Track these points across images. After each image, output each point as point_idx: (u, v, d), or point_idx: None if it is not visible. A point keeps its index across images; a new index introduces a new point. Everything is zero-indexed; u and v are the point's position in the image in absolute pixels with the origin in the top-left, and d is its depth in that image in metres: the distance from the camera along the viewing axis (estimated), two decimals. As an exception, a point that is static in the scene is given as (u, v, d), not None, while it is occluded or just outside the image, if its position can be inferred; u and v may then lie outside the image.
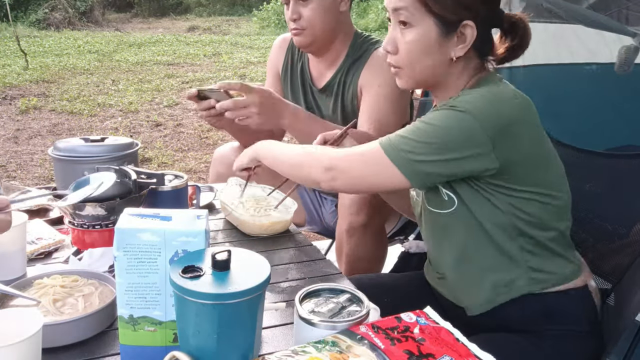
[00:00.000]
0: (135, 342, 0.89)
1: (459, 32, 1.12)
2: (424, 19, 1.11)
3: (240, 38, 11.10)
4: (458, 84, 1.18)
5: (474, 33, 1.12)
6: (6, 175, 4.05)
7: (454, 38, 1.12)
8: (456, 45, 1.13)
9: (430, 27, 1.11)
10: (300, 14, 1.72)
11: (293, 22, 1.74)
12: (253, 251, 0.86)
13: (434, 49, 1.13)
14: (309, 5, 1.71)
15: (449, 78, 1.18)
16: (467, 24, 1.11)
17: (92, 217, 1.21)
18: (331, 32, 1.77)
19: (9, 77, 7.03)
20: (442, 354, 0.77)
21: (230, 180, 1.67)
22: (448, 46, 1.13)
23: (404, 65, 1.16)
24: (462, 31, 1.12)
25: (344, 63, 1.81)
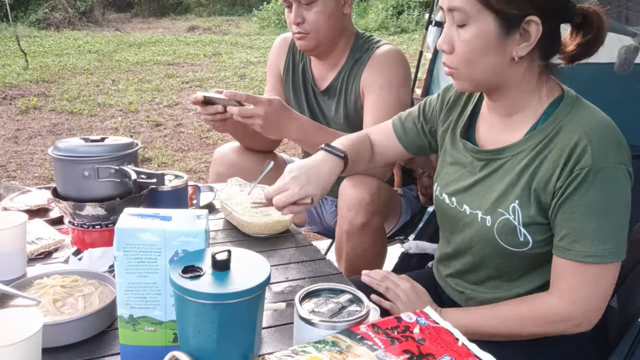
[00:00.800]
0: (135, 342, 0.89)
1: (522, 29, 1.02)
2: (482, 16, 1.02)
3: (240, 38, 11.10)
4: (521, 88, 1.10)
5: (539, 30, 1.02)
6: (6, 175, 4.05)
7: (516, 35, 1.03)
8: (519, 43, 1.04)
9: (490, 24, 1.02)
10: (304, 17, 1.71)
11: (297, 25, 1.73)
12: (253, 251, 0.86)
13: (493, 47, 1.04)
14: (313, 9, 1.71)
15: (511, 80, 1.09)
16: (531, 20, 1.01)
17: (92, 217, 1.21)
18: (335, 35, 1.77)
19: (9, 77, 7.04)
20: (442, 354, 0.77)
21: (230, 181, 1.67)
22: (509, 44, 1.04)
23: (460, 66, 1.08)
24: (525, 28, 1.02)
25: (345, 64, 1.81)
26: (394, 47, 1.78)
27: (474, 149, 1.20)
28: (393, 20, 11.77)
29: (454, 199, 1.23)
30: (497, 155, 1.15)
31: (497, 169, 1.15)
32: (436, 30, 3.43)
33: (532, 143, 1.09)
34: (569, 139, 1.04)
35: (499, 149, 1.14)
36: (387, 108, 1.70)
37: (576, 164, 1.02)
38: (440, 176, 1.28)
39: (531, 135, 1.10)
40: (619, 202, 1.03)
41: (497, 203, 1.12)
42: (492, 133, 1.19)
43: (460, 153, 1.24)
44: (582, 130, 1.03)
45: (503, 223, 1.11)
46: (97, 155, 1.19)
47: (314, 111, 1.90)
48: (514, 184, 1.10)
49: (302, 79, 1.92)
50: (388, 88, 1.71)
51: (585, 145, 1.01)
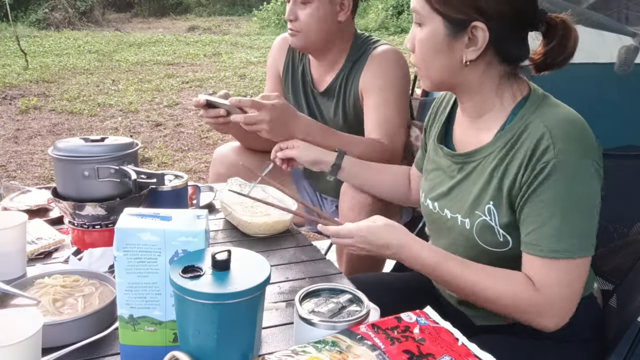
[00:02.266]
0: (135, 342, 0.89)
1: (470, 34, 1.05)
2: (433, 18, 1.08)
3: (240, 38, 11.10)
4: (482, 90, 1.12)
5: (485, 36, 1.05)
6: (6, 175, 4.05)
7: (464, 39, 1.06)
8: (467, 47, 1.07)
9: (438, 26, 1.07)
10: (297, 15, 1.73)
11: (290, 22, 1.75)
12: (253, 251, 0.86)
13: (442, 49, 1.08)
14: (306, 10, 1.72)
15: (469, 82, 1.12)
16: (476, 26, 1.04)
17: (92, 217, 1.21)
18: (326, 39, 1.77)
19: (9, 77, 7.03)
20: (442, 354, 0.77)
21: (230, 181, 1.67)
22: (457, 48, 1.07)
23: (418, 64, 1.14)
24: (473, 33, 1.05)
25: (344, 66, 1.81)
26: (391, 48, 1.78)
27: (449, 152, 1.21)
28: (393, 20, 11.77)
29: (436, 204, 1.24)
30: (470, 158, 1.16)
31: (471, 172, 1.15)
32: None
33: (500, 143, 1.10)
34: (534, 135, 1.04)
35: (472, 151, 1.15)
36: (387, 109, 1.70)
37: (539, 159, 1.02)
38: (424, 183, 1.30)
39: (500, 136, 1.11)
40: (585, 197, 1.02)
41: (473, 205, 1.13)
42: (466, 135, 1.20)
43: (440, 158, 1.25)
44: (545, 127, 1.03)
45: (481, 225, 1.12)
46: (97, 155, 1.19)
47: (313, 113, 1.90)
48: (487, 185, 1.11)
49: (301, 80, 1.92)
50: (388, 89, 1.71)
51: (548, 140, 1.01)
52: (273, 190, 1.62)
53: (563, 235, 1.02)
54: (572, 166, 1.00)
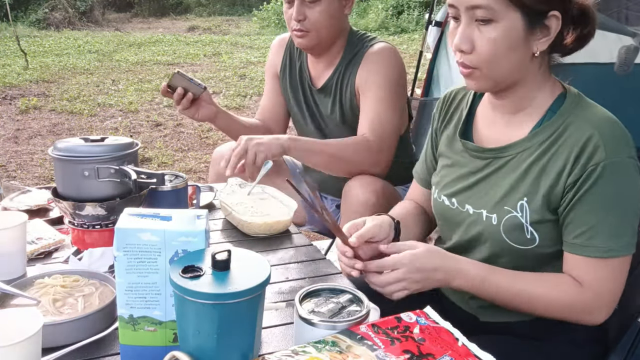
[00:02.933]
0: (135, 342, 0.89)
1: (544, 25, 1.03)
2: (509, 13, 1.01)
3: (240, 38, 11.10)
4: (533, 84, 1.11)
5: (559, 24, 1.03)
6: (6, 175, 4.05)
7: (538, 31, 1.04)
8: (540, 38, 1.04)
9: (516, 20, 1.02)
10: (305, 15, 1.71)
11: (298, 22, 1.72)
12: (253, 251, 0.86)
13: (519, 44, 1.03)
14: (316, 8, 1.70)
15: (528, 76, 1.10)
16: (553, 15, 1.02)
17: (92, 217, 1.21)
18: (335, 35, 1.77)
19: (9, 77, 7.03)
20: (442, 354, 0.77)
21: (229, 181, 1.67)
22: (532, 41, 1.04)
23: (482, 65, 1.06)
24: (546, 23, 1.03)
25: (340, 62, 1.82)
26: (387, 45, 1.79)
27: (476, 147, 1.19)
28: (393, 20, 11.76)
29: (454, 200, 1.22)
30: (501, 153, 1.14)
31: (501, 167, 1.14)
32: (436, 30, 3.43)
33: (538, 140, 1.09)
34: (580, 135, 1.04)
35: (503, 147, 1.14)
36: (381, 107, 1.71)
37: (589, 159, 1.03)
38: (437, 179, 1.28)
39: (537, 132, 1.10)
40: (632, 195, 1.05)
41: (503, 201, 1.12)
42: (493, 131, 1.19)
43: (457, 154, 1.23)
44: (592, 127, 1.04)
45: (510, 221, 1.11)
46: (97, 155, 1.19)
47: (312, 110, 1.90)
48: (520, 181, 1.10)
49: (299, 78, 1.92)
50: (383, 86, 1.72)
51: (597, 141, 1.02)
52: (272, 189, 1.63)
53: (620, 233, 1.04)
54: (620, 166, 1.02)
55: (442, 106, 1.32)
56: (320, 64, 1.86)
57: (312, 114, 1.91)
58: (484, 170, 1.17)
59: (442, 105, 1.32)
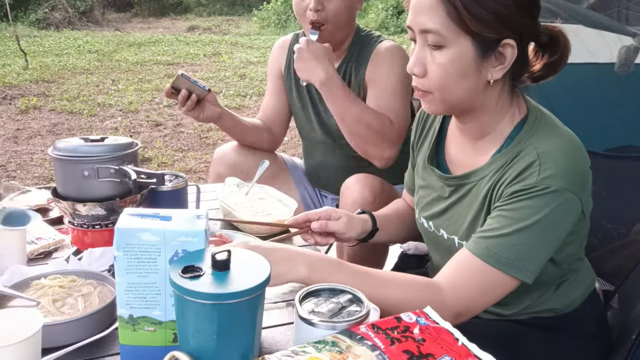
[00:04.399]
0: (135, 342, 0.89)
1: (497, 52, 1.01)
2: (459, 40, 0.99)
3: (240, 38, 11.10)
4: (494, 111, 1.08)
5: (514, 52, 1.01)
6: (6, 175, 4.05)
7: (491, 59, 1.01)
8: (494, 66, 1.02)
9: (467, 48, 0.99)
10: (324, 5, 1.71)
11: (316, 12, 1.70)
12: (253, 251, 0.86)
13: (470, 71, 1.01)
14: None
15: (485, 103, 1.07)
16: (507, 43, 1.00)
17: (92, 217, 1.21)
18: (348, 29, 1.79)
19: (9, 76, 7.03)
20: (442, 354, 0.77)
21: (227, 181, 1.67)
22: (485, 68, 1.02)
23: (434, 89, 1.04)
24: (500, 51, 1.01)
25: (346, 59, 1.82)
26: (395, 44, 1.81)
27: (441, 175, 1.19)
28: (393, 20, 11.76)
29: (431, 223, 1.22)
30: (464, 181, 1.14)
31: (465, 194, 1.14)
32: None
33: (495, 167, 1.08)
34: (524, 161, 1.02)
35: (466, 174, 1.13)
36: (391, 98, 1.71)
37: (521, 181, 1.00)
38: (417, 199, 1.28)
39: (495, 159, 1.09)
40: (549, 226, 1.00)
41: (470, 229, 1.11)
42: (461, 154, 1.18)
43: (430, 176, 1.23)
44: (537, 154, 1.01)
45: None
46: (97, 155, 1.19)
47: (317, 106, 1.90)
48: (481, 209, 1.09)
49: None
50: (393, 81, 1.73)
51: (535, 166, 1.00)
52: (271, 189, 1.63)
53: (509, 248, 0.99)
54: (551, 194, 0.98)
55: (418, 122, 1.31)
56: None
57: (317, 111, 1.90)
58: (451, 196, 1.17)
59: (418, 120, 1.31)
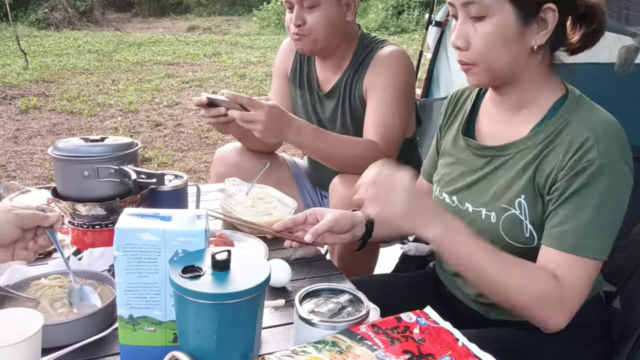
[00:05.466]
0: (135, 342, 0.89)
1: (540, 18, 1.04)
2: (501, 8, 1.02)
3: (240, 38, 11.10)
4: (533, 81, 1.11)
5: (555, 17, 1.04)
6: (6, 175, 4.05)
7: (534, 25, 1.04)
8: (537, 32, 1.05)
9: (509, 15, 1.03)
10: (304, 19, 1.71)
11: (297, 27, 1.72)
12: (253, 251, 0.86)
13: (513, 39, 1.04)
14: (315, 13, 1.70)
15: (527, 72, 1.10)
16: (548, 7, 1.03)
17: (92, 217, 1.21)
18: (334, 40, 1.76)
19: (9, 76, 7.03)
20: (442, 354, 0.77)
21: (227, 181, 1.67)
22: (528, 34, 1.05)
23: (479, 60, 1.07)
24: (542, 17, 1.04)
25: (349, 66, 1.80)
26: (397, 48, 1.77)
27: (478, 145, 1.20)
28: (393, 20, 11.77)
29: (454, 198, 1.22)
30: (501, 152, 1.15)
31: (500, 165, 1.15)
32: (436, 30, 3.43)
33: (538, 139, 1.10)
34: (576, 136, 1.04)
35: (504, 145, 1.14)
36: (388, 110, 1.70)
37: (581, 159, 1.02)
38: (440, 177, 1.28)
39: (537, 131, 1.10)
40: (617, 201, 1.03)
41: (501, 199, 1.12)
42: (495, 128, 1.19)
43: (460, 152, 1.24)
44: (588, 129, 1.04)
45: (509, 218, 1.11)
46: (97, 155, 1.19)
47: (318, 113, 1.89)
48: (518, 180, 1.10)
49: (307, 81, 1.91)
50: (391, 89, 1.71)
51: (592, 143, 1.02)
52: (271, 189, 1.63)
53: (590, 233, 1.02)
54: (611, 170, 1.01)
55: (449, 105, 1.33)
56: (328, 67, 1.85)
57: (319, 118, 1.90)
58: (484, 168, 1.17)
59: (449, 103, 1.33)
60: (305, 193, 2.07)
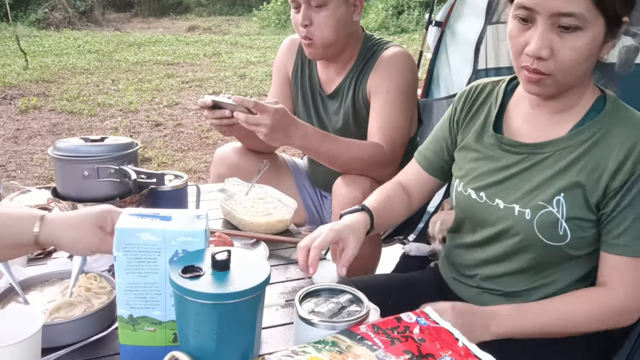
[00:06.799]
0: (135, 342, 0.89)
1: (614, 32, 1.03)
2: (596, 21, 0.99)
3: (240, 38, 11.10)
4: (583, 88, 1.11)
5: (622, 30, 1.04)
6: (6, 175, 4.05)
7: (609, 37, 1.04)
8: (609, 45, 1.05)
9: (600, 28, 1.00)
10: (312, 20, 1.68)
11: (304, 28, 1.70)
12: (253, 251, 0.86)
13: (596, 52, 1.03)
14: (323, 12, 1.67)
15: (584, 83, 1.10)
16: (625, 21, 1.03)
17: (92, 217, 1.21)
18: (342, 41, 1.74)
19: (9, 76, 7.03)
20: (442, 354, 0.77)
21: (227, 181, 1.67)
22: (604, 49, 1.04)
23: (559, 72, 1.03)
24: (616, 31, 1.03)
25: (353, 68, 1.79)
26: (401, 50, 1.76)
27: (511, 142, 1.19)
28: (393, 20, 11.77)
29: (482, 194, 1.21)
30: (539, 150, 1.14)
31: (537, 163, 1.14)
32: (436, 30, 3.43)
33: (580, 139, 1.10)
34: (624, 139, 1.05)
35: (542, 143, 1.14)
36: (392, 113, 1.69)
37: (636, 164, 1.04)
38: (464, 172, 1.26)
39: (578, 131, 1.11)
40: None
41: (538, 196, 1.12)
42: (530, 127, 1.18)
43: (487, 148, 1.23)
44: (638, 132, 1.05)
45: (545, 216, 1.11)
46: (97, 155, 1.19)
47: (320, 115, 1.89)
48: (558, 178, 1.11)
49: (309, 82, 1.90)
50: (394, 91, 1.70)
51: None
52: (271, 189, 1.63)
53: None
54: None
55: (467, 98, 1.30)
56: (331, 69, 1.84)
57: (321, 119, 1.89)
58: (518, 165, 1.17)
59: (467, 97, 1.30)
60: (305, 193, 2.07)
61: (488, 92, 1.28)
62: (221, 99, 1.51)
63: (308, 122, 1.89)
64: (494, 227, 1.19)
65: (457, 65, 3.17)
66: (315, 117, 1.89)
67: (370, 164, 1.65)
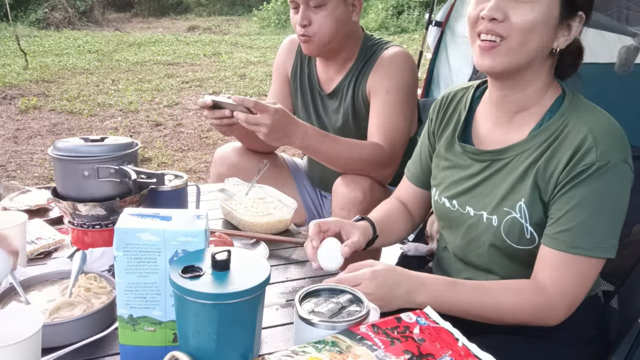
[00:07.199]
0: (135, 342, 0.89)
1: (569, 22, 1.06)
2: None
3: (240, 38, 11.10)
4: (538, 83, 1.11)
5: (579, 28, 1.06)
6: (6, 175, 4.05)
7: (565, 26, 1.06)
8: (562, 35, 1.07)
9: (554, 7, 1.04)
10: (310, 20, 1.69)
11: (302, 27, 1.70)
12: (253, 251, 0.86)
13: (548, 29, 1.04)
14: (321, 13, 1.68)
15: (538, 74, 1.10)
16: (580, 15, 1.05)
17: (91, 217, 1.21)
18: (340, 41, 1.74)
19: (9, 76, 7.03)
20: (442, 354, 0.77)
21: (227, 181, 1.67)
22: (558, 34, 1.06)
23: (512, 35, 1.04)
24: (570, 23, 1.06)
25: (353, 67, 1.79)
26: (401, 50, 1.76)
27: (475, 150, 1.19)
28: (393, 20, 11.77)
29: (454, 202, 1.22)
30: (500, 155, 1.15)
31: (500, 169, 1.15)
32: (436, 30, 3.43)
33: (537, 141, 1.10)
34: (575, 136, 1.05)
35: (502, 149, 1.14)
36: (392, 112, 1.69)
37: (581, 160, 1.03)
38: (438, 181, 1.28)
39: (536, 134, 1.10)
40: (617, 199, 1.04)
41: (502, 202, 1.12)
42: (494, 132, 1.19)
43: (457, 156, 1.23)
44: (586, 128, 1.04)
45: (510, 222, 1.11)
46: (97, 155, 1.19)
47: (320, 114, 1.89)
48: (519, 183, 1.11)
49: (308, 82, 1.91)
50: (394, 92, 1.70)
51: (590, 142, 1.02)
52: (271, 189, 1.63)
53: (591, 233, 1.03)
54: (611, 169, 1.02)
55: (440, 108, 1.31)
56: (331, 68, 1.84)
57: (320, 118, 1.89)
58: (483, 172, 1.17)
59: (440, 106, 1.31)
60: (305, 193, 2.06)
61: (458, 99, 1.28)
62: (221, 99, 1.50)
63: (307, 121, 1.89)
64: (467, 234, 1.20)
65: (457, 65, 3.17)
66: (315, 116, 1.89)
67: (371, 164, 1.65)
